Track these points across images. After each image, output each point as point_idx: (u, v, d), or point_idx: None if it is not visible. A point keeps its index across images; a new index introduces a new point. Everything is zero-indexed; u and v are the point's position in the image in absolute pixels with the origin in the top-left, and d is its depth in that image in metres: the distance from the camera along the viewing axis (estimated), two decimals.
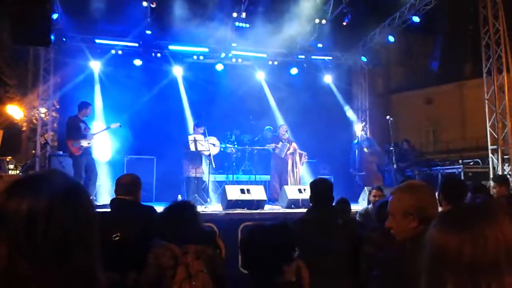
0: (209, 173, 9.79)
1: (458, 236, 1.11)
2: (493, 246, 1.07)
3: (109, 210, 3.96)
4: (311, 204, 4.11)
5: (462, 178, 10.26)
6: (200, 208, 8.24)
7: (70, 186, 1.14)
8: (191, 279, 2.69)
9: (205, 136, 9.61)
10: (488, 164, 10.50)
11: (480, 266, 1.06)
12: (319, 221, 3.73)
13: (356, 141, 11.53)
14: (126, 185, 3.96)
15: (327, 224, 3.70)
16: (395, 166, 10.18)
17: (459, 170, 10.48)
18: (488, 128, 10.49)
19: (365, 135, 11.19)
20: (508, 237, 1.09)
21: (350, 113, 13.71)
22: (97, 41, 11.69)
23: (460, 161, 10.96)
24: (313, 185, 4.10)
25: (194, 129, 10.01)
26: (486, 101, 10.53)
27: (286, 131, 10.40)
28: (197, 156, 9.65)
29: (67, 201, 1.08)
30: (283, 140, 10.17)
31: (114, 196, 3.98)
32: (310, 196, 4.08)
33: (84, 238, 1.09)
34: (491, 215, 1.14)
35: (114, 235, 3.52)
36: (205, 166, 9.91)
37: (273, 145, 10.23)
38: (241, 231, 6.81)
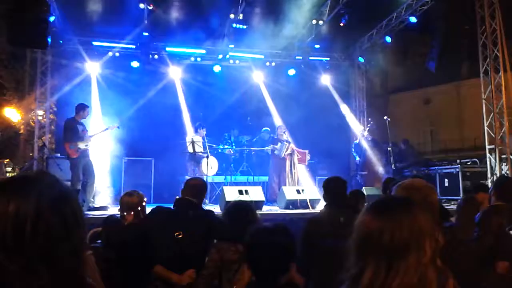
0: (207, 175, 9.78)
1: (380, 222, 1.34)
2: (407, 231, 1.31)
3: (172, 208, 4.10)
4: (325, 204, 4.16)
5: (460, 177, 10.29)
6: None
7: (59, 189, 1.14)
8: None
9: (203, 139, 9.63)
10: (486, 164, 10.51)
11: (395, 249, 1.29)
12: (332, 220, 3.75)
13: (357, 141, 11.51)
14: (193, 187, 4.12)
15: (339, 223, 3.71)
16: (393, 166, 10.18)
17: (457, 170, 10.50)
18: (486, 128, 10.51)
19: (370, 136, 11.17)
20: (420, 223, 1.34)
21: (347, 114, 13.71)
22: (94, 43, 11.67)
23: (458, 161, 10.97)
24: (326, 184, 4.15)
25: (196, 131, 10.01)
26: (484, 101, 10.56)
27: (284, 132, 10.40)
28: (200, 158, 9.70)
29: (56, 204, 1.08)
30: (282, 141, 10.18)
31: (180, 196, 4.13)
32: (324, 195, 4.17)
33: (72, 242, 1.09)
34: (408, 205, 1.42)
35: (177, 233, 3.65)
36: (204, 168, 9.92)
37: (271, 146, 10.23)
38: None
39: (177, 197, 4.15)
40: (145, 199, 4.15)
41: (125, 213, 3.95)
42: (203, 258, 3.34)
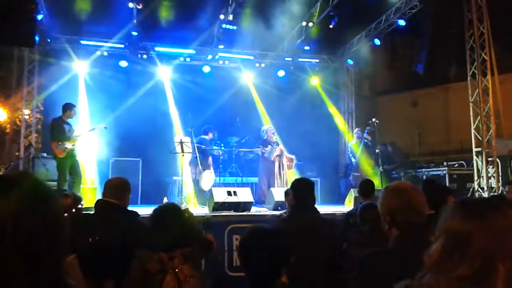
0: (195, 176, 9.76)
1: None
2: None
3: (92, 212, 3.87)
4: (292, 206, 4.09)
5: (447, 180, 10.37)
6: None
7: (40, 190, 1.12)
8: (182, 285, 2.64)
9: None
10: (473, 166, 10.61)
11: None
12: (300, 224, 3.69)
13: (354, 141, 11.50)
14: (114, 187, 3.86)
15: (308, 226, 3.68)
16: (381, 168, 10.22)
17: (444, 172, 10.58)
18: (473, 131, 10.61)
19: (369, 137, 11.17)
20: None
21: (336, 115, 13.77)
22: (83, 42, 11.59)
23: (445, 163, 11.05)
24: (293, 187, 4.07)
25: (206, 133, 10.00)
26: (471, 104, 10.65)
27: (273, 133, 10.40)
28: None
29: (36, 205, 1.07)
30: (272, 143, 10.17)
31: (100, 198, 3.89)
32: (292, 197, 4.03)
33: (53, 244, 1.07)
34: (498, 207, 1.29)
35: (91, 239, 3.40)
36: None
37: (260, 148, 10.22)
38: (228, 233, 6.80)
39: (98, 199, 3.92)
40: (82, 202, 3.99)
41: None
42: (122, 265, 3.02)
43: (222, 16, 10.36)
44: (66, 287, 1.11)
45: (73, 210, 3.83)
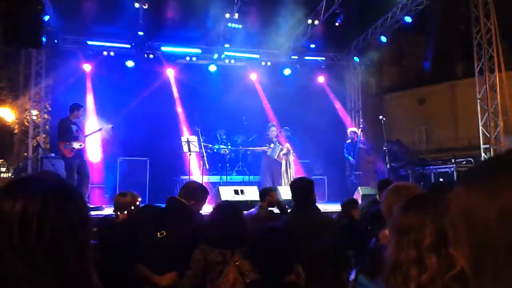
0: (202, 174, 9.78)
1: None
2: None
3: (163, 207, 4.06)
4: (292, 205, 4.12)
5: (455, 177, 10.32)
6: None
7: (64, 188, 1.15)
8: (244, 277, 2.69)
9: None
10: None
11: None
12: (301, 223, 3.71)
13: (349, 141, 11.50)
14: (188, 189, 4.05)
15: (308, 225, 3.69)
16: (388, 166, 10.19)
17: (452, 169, 10.52)
18: (481, 128, 10.55)
19: (362, 137, 11.17)
20: None
21: (343, 113, 13.76)
22: (89, 42, 11.64)
23: (453, 160, 11.00)
24: (293, 185, 4.11)
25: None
26: (478, 101, 10.59)
27: (280, 132, 10.39)
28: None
29: (60, 202, 1.09)
30: (275, 141, 10.15)
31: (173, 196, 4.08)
32: (292, 197, 4.09)
33: (78, 240, 1.10)
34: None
35: (160, 233, 3.57)
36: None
37: (262, 148, 10.21)
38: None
39: (169, 196, 4.11)
40: (139, 199, 4.15)
41: (118, 213, 3.98)
42: (186, 260, 3.25)
43: (227, 15, 10.36)
44: (91, 285, 1.13)
45: (132, 207, 3.97)
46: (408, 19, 11.25)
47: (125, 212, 3.96)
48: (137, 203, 4.08)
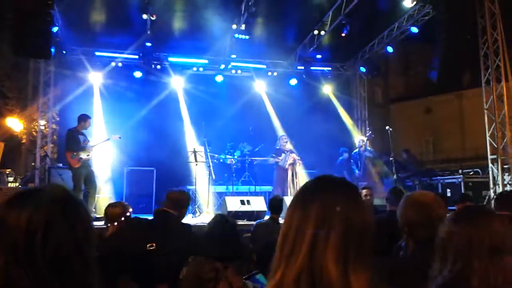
0: (208, 184, 9.78)
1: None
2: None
3: (151, 219, 4.08)
4: None
5: (462, 187, 10.25)
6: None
7: (69, 200, 1.16)
8: None
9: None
10: (488, 173, 10.49)
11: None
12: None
13: (357, 150, 11.46)
14: (174, 200, 4.08)
15: None
16: (395, 176, 10.15)
17: (459, 179, 10.46)
18: (488, 138, 10.50)
19: (370, 147, 11.11)
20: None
21: (349, 123, 13.74)
22: (97, 53, 11.75)
23: (460, 170, 10.94)
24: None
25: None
26: (485, 111, 10.55)
27: (286, 142, 10.40)
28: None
29: (65, 214, 1.10)
30: (285, 152, 10.18)
31: (159, 208, 4.11)
32: None
33: (82, 251, 1.10)
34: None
35: (149, 245, 3.53)
36: (205, 177, 9.92)
37: (274, 157, 10.23)
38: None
39: (156, 208, 4.09)
40: (130, 209, 4.11)
41: (109, 224, 3.95)
42: (176, 273, 3.15)
43: (234, 26, 10.42)
44: None
45: (122, 218, 3.94)
46: (414, 29, 11.24)
47: (115, 223, 3.93)
48: (128, 214, 4.05)
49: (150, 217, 4.06)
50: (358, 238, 1.12)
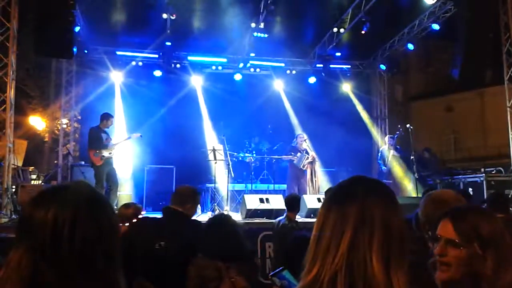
0: (228, 182, 9.82)
1: None
2: None
3: (159, 217, 4.00)
4: None
5: (485, 186, 10.09)
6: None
7: (94, 197, 1.17)
8: None
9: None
10: (511, 172, 10.31)
11: None
12: None
13: (385, 146, 11.26)
14: (181, 195, 3.96)
15: None
16: (416, 175, 10.05)
17: (482, 178, 10.30)
18: (510, 136, 10.32)
19: (398, 145, 10.97)
20: None
21: (369, 122, 13.64)
22: (118, 52, 11.87)
23: (482, 169, 10.76)
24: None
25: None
26: (508, 109, 10.37)
27: (304, 140, 10.37)
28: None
29: (91, 211, 1.12)
30: (301, 151, 10.13)
31: (167, 205, 3.99)
32: None
33: (108, 248, 1.12)
34: None
35: (158, 244, 3.51)
36: (224, 176, 9.97)
37: (288, 156, 10.20)
38: (260, 240, 6.83)
39: (164, 206, 4.07)
40: (143, 212, 4.11)
41: (121, 225, 3.97)
42: (182, 271, 3.10)
43: (253, 25, 10.43)
44: None
45: (134, 220, 3.96)
46: (435, 26, 11.11)
47: (127, 224, 3.91)
48: (140, 215, 4.06)
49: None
50: (398, 239, 1.18)
